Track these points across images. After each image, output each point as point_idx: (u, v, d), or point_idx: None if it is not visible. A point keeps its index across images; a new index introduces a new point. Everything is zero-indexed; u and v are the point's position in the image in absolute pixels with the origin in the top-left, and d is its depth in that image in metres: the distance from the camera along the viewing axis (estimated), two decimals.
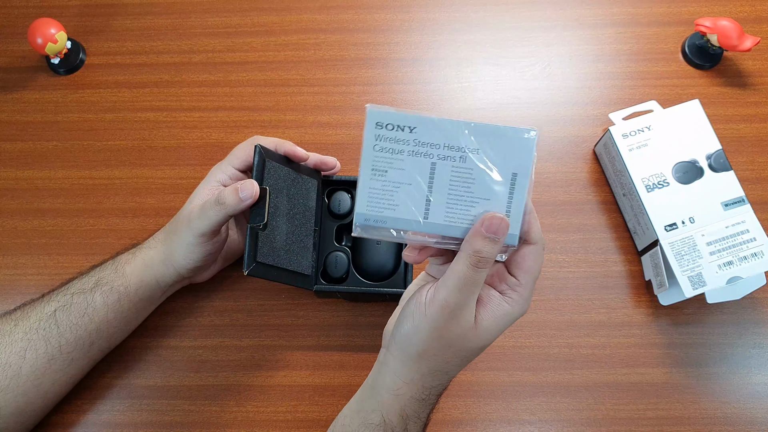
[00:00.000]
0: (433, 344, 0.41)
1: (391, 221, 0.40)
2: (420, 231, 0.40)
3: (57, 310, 0.53)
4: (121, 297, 0.54)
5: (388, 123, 0.39)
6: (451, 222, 0.40)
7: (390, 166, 0.39)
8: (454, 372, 0.44)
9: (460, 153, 0.39)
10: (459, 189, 0.39)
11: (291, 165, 0.56)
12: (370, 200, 0.39)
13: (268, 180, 0.53)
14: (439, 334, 0.40)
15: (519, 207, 0.40)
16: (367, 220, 0.40)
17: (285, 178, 0.55)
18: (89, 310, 0.53)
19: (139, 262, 0.55)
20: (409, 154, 0.39)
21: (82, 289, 0.54)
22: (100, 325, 0.54)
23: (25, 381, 0.51)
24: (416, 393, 0.43)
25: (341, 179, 0.61)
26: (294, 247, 0.55)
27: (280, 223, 0.54)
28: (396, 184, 0.39)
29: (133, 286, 0.55)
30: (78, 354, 0.54)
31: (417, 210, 0.39)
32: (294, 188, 0.56)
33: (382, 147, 0.39)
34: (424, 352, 0.42)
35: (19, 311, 0.54)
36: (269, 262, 0.52)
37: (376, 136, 0.39)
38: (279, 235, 0.54)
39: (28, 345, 0.52)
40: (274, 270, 0.53)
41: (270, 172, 0.53)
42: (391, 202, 0.39)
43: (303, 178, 0.57)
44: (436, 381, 0.43)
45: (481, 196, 0.39)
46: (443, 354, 0.42)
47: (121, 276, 0.54)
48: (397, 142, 0.39)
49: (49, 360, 0.52)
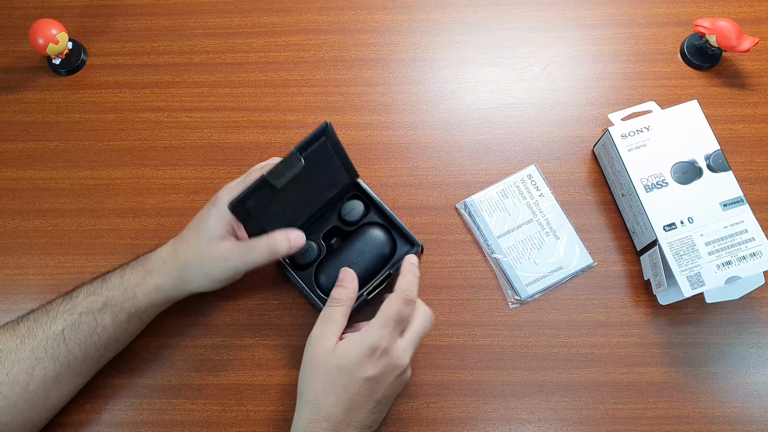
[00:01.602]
0: (305, 373, 0.51)
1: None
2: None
3: (65, 329, 0.52)
4: (131, 317, 0.55)
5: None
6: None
7: None
8: (324, 405, 0.49)
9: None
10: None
11: (338, 153, 0.55)
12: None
13: (308, 160, 0.53)
14: (307, 363, 0.51)
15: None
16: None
17: (322, 160, 0.54)
18: (98, 329, 0.53)
19: (151, 286, 0.55)
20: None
21: (90, 308, 0.53)
22: (109, 342, 0.54)
23: (32, 396, 0.51)
24: (297, 427, 0.50)
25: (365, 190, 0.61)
26: (282, 218, 0.56)
27: (289, 194, 0.54)
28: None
29: (143, 307, 0.55)
30: (86, 368, 0.54)
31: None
32: (323, 174, 0.56)
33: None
34: (300, 382, 0.51)
35: (23, 327, 0.53)
36: (254, 214, 0.53)
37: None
38: (280, 202, 0.54)
39: (36, 363, 0.51)
40: (252, 222, 0.54)
41: (315, 151, 0.53)
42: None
43: (339, 170, 0.57)
44: (308, 412, 0.49)
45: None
46: (309, 379, 0.50)
47: (131, 298, 0.54)
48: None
49: (57, 376, 0.52)
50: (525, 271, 0.62)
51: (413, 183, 0.66)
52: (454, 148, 0.68)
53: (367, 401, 0.50)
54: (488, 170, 0.67)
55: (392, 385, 0.51)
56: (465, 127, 0.68)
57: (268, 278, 0.63)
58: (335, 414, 0.48)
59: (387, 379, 0.50)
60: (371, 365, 0.49)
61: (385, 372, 0.50)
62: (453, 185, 0.66)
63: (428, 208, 0.65)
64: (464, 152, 0.67)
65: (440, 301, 0.62)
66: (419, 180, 0.66)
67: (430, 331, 0.54)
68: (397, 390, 0.53)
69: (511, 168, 0.67)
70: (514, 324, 0.61)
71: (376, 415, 0.51)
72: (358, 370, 0.49)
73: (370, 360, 0.49)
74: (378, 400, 0.50)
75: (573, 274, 0.62)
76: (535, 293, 0.62)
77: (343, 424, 0.49)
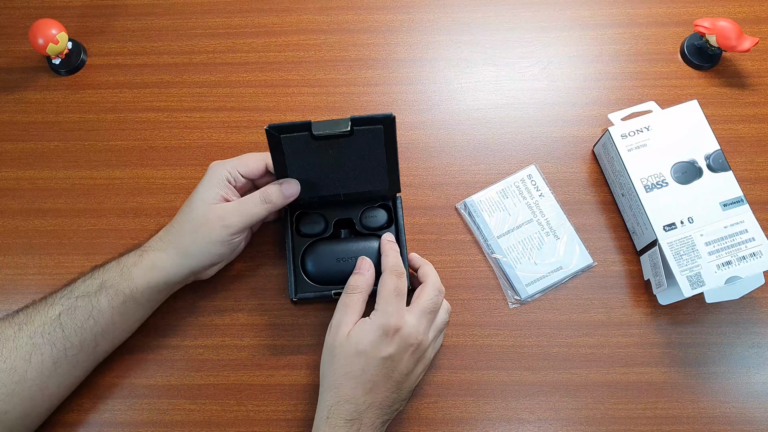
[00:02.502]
0: (325, 359, 0.53)
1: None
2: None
3: (61, 314, 0.52)
4: (126, 299, 0.54)
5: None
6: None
7: None
8: (344, 388, 0.51)
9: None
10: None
11: (388, 152, 0.55)
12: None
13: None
14: (327, 350, 0.53)
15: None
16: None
17: (370, 147, 0.55)
18: (94, 312, 0.53)
19: (147, 264, 0.55)
20: None
21: (86, 292, 0.53)
22: (106, 328, 0.54)
23: (30, 385, 0.51)
24: (321, 412, 0.52)
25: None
26: (307, 175, 0.56)
27: (325, 158, 0.55)
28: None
29: (140, 288, 0.54)
30: (83, 357, 0.54)
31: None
32: (365, 162, 0.56)
33: None
34: (321, 369, 0.54)
35: (22, 314, 0.53)
36: (285, 150, 0.54)
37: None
38: (312, 159, 0.55)
39: (33, 349, 0.51)
40: (279, 156, 0.54)
41: (367, 133, 0.53)
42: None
43: (382, 171, 0.57)
44: (330, 397, 0.51)
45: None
46: (329, 364, 0.52)
47: (127, 278, 0.54)
48: None
49: (54, 363, 0.52)
50: (525, 271, 0.62)
51: (413, 183, 0.66)
52: (454, 148, 0.68)
53: (386, 381, 0.51)
54: (488, 170, 0.67)
55: (409, 361, 0.52)
56: (465, 127, 0.68)
57: (268, 278, 0.63)
58: (356, 396, 0.50)
59: (403, 356, 0.52)
60: (385, 345, 0.51)
61: (399, 349, 0.51)
62: (453, 185, 0.66)
63: (428, 208, 0.65)
64: (464, 152, 0.67)
65: None
66: (419, 180, 0.66)
67: (441, 300, 0.56)
68: (418, 369, 0.54)
69: (511, 168, 0.67)
70: (514, 324, 0.61)
71: (397, 395, 0.53)
72: (374, 352, 0.51)
73: (384, 340, 0.51)
74: (397, 380, 0.52)
75: (573, 274, 0.62)
76: (535, 293, 0.62)
77: (364, 406, 0.51)
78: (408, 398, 0.55)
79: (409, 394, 0.55)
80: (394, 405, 0.53)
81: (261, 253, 0.63)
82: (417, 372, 0.54)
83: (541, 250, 0.63)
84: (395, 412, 0.54)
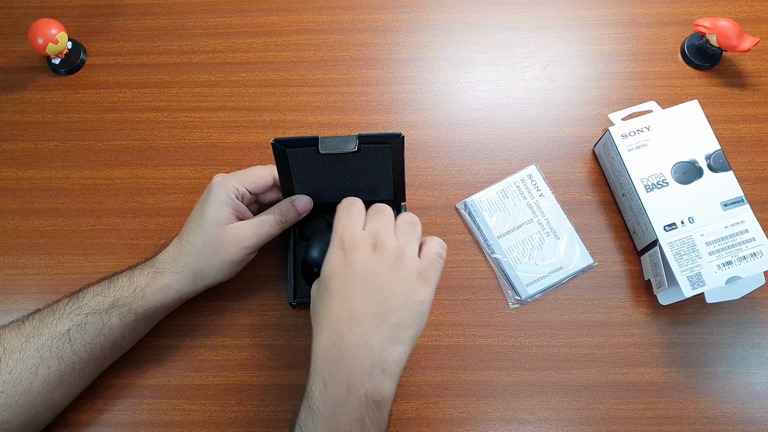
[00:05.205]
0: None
1: None
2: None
3: (71, 329, 0.52)
4: (139, 317, 0.54)
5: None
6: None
7: None
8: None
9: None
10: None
11: (395, 168, 0.55)
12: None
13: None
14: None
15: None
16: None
17: (377, 164, 0.55)
18: (105, 330, 0.53)
19: (161, 285, 0.54)
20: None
21: (97, 309, 0.53)
22: (115, 342, 0.54)
23: (35, 396, 0.51)
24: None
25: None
26: (312, 188, 0.57)
27: (331, 171, 0.55)
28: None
29: (153, 307, 0.54)
30: (90, 369, 0.54)
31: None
32: (371, 176, 0.56)
33: None
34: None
35: (29, 325, 0.53)
36: (291, 164, 0.54)
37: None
38: (318, 172, 0.55)
39: (40, 362, 0.51)
40: (284, 171, 0.55)
41: (374, 151, 0.53)
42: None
43: (387, 184, 0.56)
44: (316, 345, 0.47)
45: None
46: (318, 305, 0.48)
47: (141, 299, 0.54)
48: None
49: (61, 376, 0.52)
50: (525, 271, 0.62)
51: (413, 183, 0.66)
52: (454, 148, 0.67)
53: (359, 287, 0.45)
54: (488, 170, 0.66)
55: (376, 261, 0.45)
56: (465, 127, 0.68)
57: (268, 278, 0.63)
58: (338, 322, 0.45)
59: (363, 257, 0.45)
60: (341, 254, 0.46)
61: (356, 250, 0.45)
62: (453, 185, 0.66)
63: (428, 208, 0.65)
64: (464, 152, 0.67)
65: (440, 301, 0.62)
66: (419, 180, 0.66)
67: (420, 227, 0.49)
68: (400, 272, 0.46)
69: (511, 168, 0.67)
70: (514, 324, 0.61)
71: (385, 302, 0.45)
72: (335, 267, 0.46)
73: (340, 250, 0.46)
74: (374, 284, 0.45)
75: (573, 274, 0.62)
76: (536, 293, 0.62)
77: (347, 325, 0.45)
78: (412, 311, 0.45)
79: (408, 303, 0.45)
80: (391, 315, 0.44)
81: (262, 253, 0.63)
82: (401, 276, 0.45)
83: (542, 250, 0.63)
84: (402, 327, 0.45)
